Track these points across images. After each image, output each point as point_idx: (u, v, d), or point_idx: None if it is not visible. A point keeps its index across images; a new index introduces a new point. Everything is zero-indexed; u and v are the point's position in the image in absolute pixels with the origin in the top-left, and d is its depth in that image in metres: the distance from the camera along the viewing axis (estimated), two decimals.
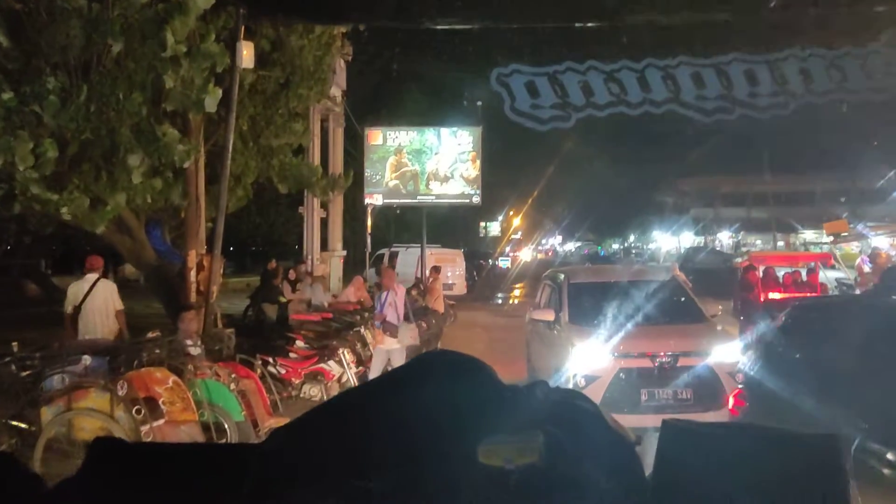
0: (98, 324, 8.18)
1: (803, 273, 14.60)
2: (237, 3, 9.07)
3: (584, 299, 8.58)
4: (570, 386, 7.08)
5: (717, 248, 42.98)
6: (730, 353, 7.52)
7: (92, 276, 8.32)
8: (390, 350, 8.71)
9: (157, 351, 6.61)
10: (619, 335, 7.45)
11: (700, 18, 10.25)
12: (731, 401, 7.02)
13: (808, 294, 12.79)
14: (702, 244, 47.33)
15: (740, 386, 7.09)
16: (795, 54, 10.44)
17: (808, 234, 42.08)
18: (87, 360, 5.89)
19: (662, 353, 7.31)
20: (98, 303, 8.24)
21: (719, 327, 8.51)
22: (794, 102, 10.44)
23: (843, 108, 12.08)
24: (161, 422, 5.81)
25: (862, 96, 10.53)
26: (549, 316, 8.77)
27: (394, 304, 8.78)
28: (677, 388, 7.18)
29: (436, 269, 16.02)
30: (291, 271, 13.82)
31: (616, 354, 7.32)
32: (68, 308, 8.19)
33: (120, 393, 5.62)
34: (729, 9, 8.80)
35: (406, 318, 8.87)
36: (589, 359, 7.37)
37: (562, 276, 9.46)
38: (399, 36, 19.50)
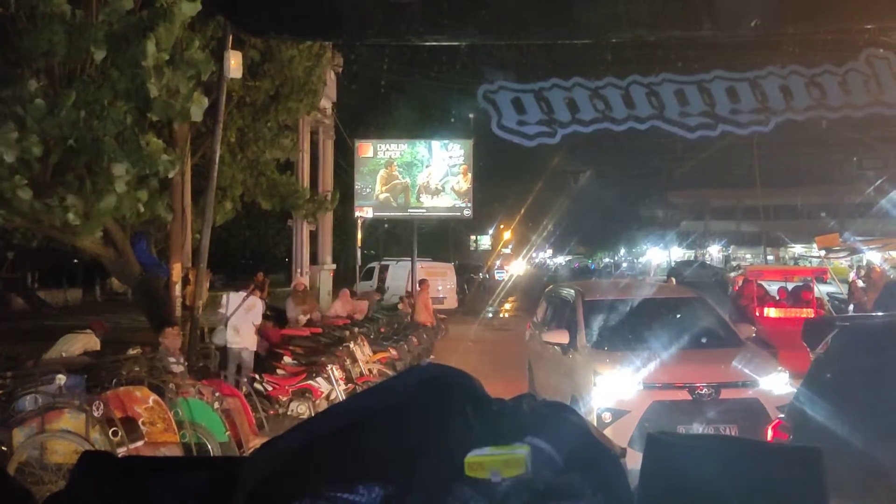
0: None
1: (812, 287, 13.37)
2: (225, 19, 8.93)
3: (603, 320, 7.64)
4: (594, 420, 6.20)
5: (708, 262, 42.94)
6: (778, 384, 6.50)
7: None
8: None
9: (137, 369, 6.38)
10: (651, 363, 6.52)
11: (684, 35, 10.22)
12: (769, 433, 6.46)
13: (805, 310, 12.04)
14: (692, 258, 47.32)
15: (781, 416, 6.09)
16: (776, 72, 10.44)
17: (798, 249, 42.13)
18: (61, 378, 5.63)
19: (701, 384, 6.35)
20: None
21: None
22: (774, 119, 10.46)
23: (822, 125, 12.24)
24: (140, 443, 5.59)
25: (840, 113, 10.56)
26: (563, 338, 7.64)
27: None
28: (720, 424, 6.19)
29: (423, 282, 15.77)
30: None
31: (648, 385, 6.38)
32: None
33: (96, 413, 5.39)
34: (712, 26, 8.73)
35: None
36: (616, 390, 6.42)
37: (572, 292, 8.42)
38: (388, 49, 19.46)
